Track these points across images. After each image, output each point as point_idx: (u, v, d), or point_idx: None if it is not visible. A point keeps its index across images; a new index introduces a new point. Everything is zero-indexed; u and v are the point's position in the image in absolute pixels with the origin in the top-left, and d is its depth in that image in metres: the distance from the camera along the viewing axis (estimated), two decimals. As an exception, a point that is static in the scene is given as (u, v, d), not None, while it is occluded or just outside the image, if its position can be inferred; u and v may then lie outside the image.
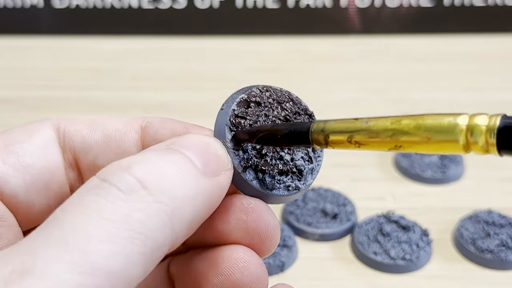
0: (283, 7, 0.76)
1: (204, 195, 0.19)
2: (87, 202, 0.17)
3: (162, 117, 0.24)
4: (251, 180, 0.22)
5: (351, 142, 0.19)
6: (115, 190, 0.17)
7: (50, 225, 0.16)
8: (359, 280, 0.43)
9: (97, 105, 0.64)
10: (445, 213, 0.48)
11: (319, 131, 0.20)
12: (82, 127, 0.23)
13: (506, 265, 0.43)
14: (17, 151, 0.21)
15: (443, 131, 0.17)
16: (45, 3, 0.76)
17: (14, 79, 0.69)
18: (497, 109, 0.65)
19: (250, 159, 0.22)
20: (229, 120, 0.22)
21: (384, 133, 0.18)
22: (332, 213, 0.46)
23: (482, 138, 0.16)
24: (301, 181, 0.22)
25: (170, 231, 0.17)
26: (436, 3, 0.75)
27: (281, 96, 0.24)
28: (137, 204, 0.17)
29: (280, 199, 0.22)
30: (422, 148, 0.18)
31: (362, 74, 0.70)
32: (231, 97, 0.23)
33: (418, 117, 0.18)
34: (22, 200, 0.21)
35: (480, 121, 0.17)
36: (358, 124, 0.19)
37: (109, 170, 0.18)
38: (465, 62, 0.71)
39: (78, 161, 0.23)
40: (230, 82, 0.68)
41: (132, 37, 0.78)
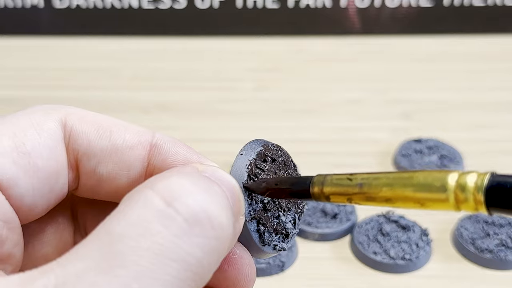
0: (283, 7, 0.76)
1: (234, 236, 0.19)
2: (150, 234, 0.16)
3: (173, 138, 0.23)
4: (252, 231, 0.22)
5: (351, 202, 0.20)
6: (180, 220, 0.17)
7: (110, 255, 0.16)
8: (359, 280, 0.43)
9: (97, 105, 0.64)
10: (444, 213, 0.48)
11: (319, 190, 0.21)
12: (90, 130, 0.22)
13: (506, 265, 0.43)
14: (29, 152, 0.21)
15: (434, 190, 0.17)
16: (45, 3, 0.76)
17: (14, 79, 0.69)
18: (497, 109, 0.66)
19: (258, 211, 0.22)
20: (249, 168, 0.22)
21: (379, 197, 0.19)
22: (332, 212, 0.46)
23: (471, 197, 0.17)
24: (285, 243, 0.23)
25: (214, 268, 0.18)
26: (435, 3, 0.75)
27: (287, 159, 0.25)
28: (199, 239, 0.17)
29: (263, 255, 0.23)
30: (417, 208, 0.18)
31: (362, 74, 0.70)
32: (249, 145, 0.23)
33: (408, 180, 0.18)
34: (27, 203, 0.21)
35: (469, 179, 0.17)
36: (353, 186, 0.20)
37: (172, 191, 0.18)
38: (465, 62, 0.72)
39: (79, 164, 0.23)
40: (230, 82, 0.68)
41: (132, 37, 0.78)
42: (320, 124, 0.60)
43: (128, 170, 0.23)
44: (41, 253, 0.23)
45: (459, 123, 0.60)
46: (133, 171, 0.23)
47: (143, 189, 0.18)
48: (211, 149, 0.52)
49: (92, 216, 0.25)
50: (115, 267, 0.16)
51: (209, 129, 0.59)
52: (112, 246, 0.16)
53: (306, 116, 0.62)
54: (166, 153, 0.23)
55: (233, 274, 0.21)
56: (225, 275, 0.21)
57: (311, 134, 0.59)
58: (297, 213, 0.24)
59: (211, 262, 0.17)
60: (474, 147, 0.55)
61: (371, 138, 0.58)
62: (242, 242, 0.22)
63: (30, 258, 0.23)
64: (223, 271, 0.21)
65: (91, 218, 0.25)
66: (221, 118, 0.62)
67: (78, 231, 0.25)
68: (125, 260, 0.16)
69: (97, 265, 0.16)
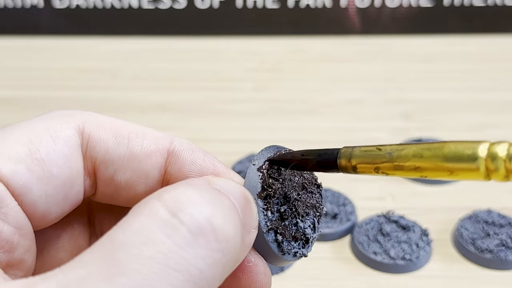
0: (283, 7, 0.76)
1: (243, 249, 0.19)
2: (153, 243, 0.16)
3: (191, 145, 0.23)
4: (271, 242, 0.22)
5: (378, 172, 0.20)
6: (184, 230, 0.17)
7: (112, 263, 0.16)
8: (359, 280, 0.43)
9: (97, 105, 0.64)
10: (444, 213, 0.48)
11: (346, 160, 0.21)
12: (108, 137, 0.22)
13: (506, 265, 0.43)
14: (43, 159, 0.20)
15: (464, 160, 0.18)
16: (45, 3, 0.76)
17: (14, 79, 0.69)
18: (497, 109, 0.66)
19: (274, 221, 0.22)
20: (264, 179, 0.22)
21: (408, 166, 0.19)
22: (332, 213, 0.46)
23: (502, 166, 0.17)
24: (305, 249, 0.23)
25: (219, 282, 0.18)
26: (436, 3, 0.75)
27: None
28: (202, 251, 0.17)
29: (282, 262, 0.23)
30: (445, 178, 0.18)
31: (362, 74, 0.70)
32: (261, 154, 0.23)
33: (438, 149, 0.18)
34: (40, 210, 0.21)
35: (500, 149, 0.17)
36: (381, 156, 0.20)
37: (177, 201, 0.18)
38: (465, 62, 0.72)
39: (96, 171, 0.22)
40: (230, 82, 0.68)
41: (132, 37, 0.78)
42: (320, 124, 0.60)
43: (146, 178, 0.22)
44: (56, 258, 0.23)
45: (459, 123, 0.60)
46: (150, 179, 0.22)
47: (150, 199, 0.18)
48: (211, 149, 0.52)
49: (109, 222, 0.25)
50: (116, 275, 0.16)
51: (209, 129, 0.59)
52: (115, 254, 0.16)
53: (306, 116, 0.62)
54: (183, 162, 0.22)
55: (247, 282, 0.21)
56: (239, 283, 0.21)
57: (311, 134, 0.59)
58: (315, 216, 0.24)
59: (216, 275, 0.17)
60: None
61: (371, 138, 0.58)
62: (260, 252, 0.22)
63: (44, 264, 0.23)
64: (237, 279, 0.21)
65: (107, 223, 0.25)
66: (221, 118, 0.62)
67: (94, 236, 0.25)
68: (127, 268, 0.16)
69: (99, 272, 0.16)
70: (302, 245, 0.23)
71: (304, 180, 0.24)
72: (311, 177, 0.24)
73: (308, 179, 0.24)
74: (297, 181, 0.23)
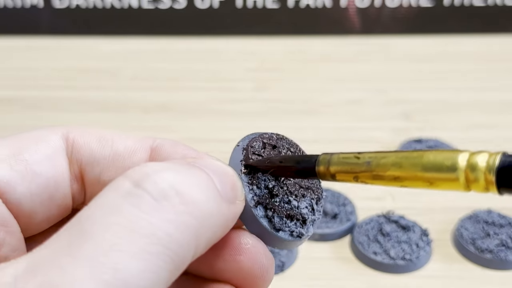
0: (283, 7, 0.76)
1: (222, 219, 0.19)
2: (118, 211, 0.16)
3: (173, 140, 0.23)
4: (260, 217, 0.22)
5: (357, 181, 0.20)
6: (147, 197, 0.17)
7: (78, 234, 0.16)
8: (359, 280, 0.43)
9: (97, 105, 0.64)
10: (444, 213, 0.48)
11: (325, 168, 0.20)
12: (92, 140, 0.23)
13: (506, 265, 0.43)
14: (26, 159, 0.21)
15: (443, 170, 0.17)
16: (45, 3, 0.76)
17: (14, 79, 0.69)
18: (497, 109, 0.66)
19: (262, 196, 0.22)
20: (246, 155, 0.22)
21: (387, 175, 0.19)
22: (332, 213, 0.46)
23: (482, 177, 0.17)
24: (304, 229, 0.23)
25: (193, 248, 0.17)
26: (436, 3, 0.75)
27: (293, 146, 0.24)
28: (168, 214, 0.17)
29: (282, 243, 0.22)
30: (425, 188, 0.18)
31: (362, 74, 0.70)
32: (246, 136, 0.23)
33: (418, 158, 0.18)
34: (26, 209, 0.21)
35: (480, 159, 0.17)
36: (360, 164, 0.19)
37: (141, 173, 0.18)
38: (465, 62, 0.72)
39: (83, 174, 0.23)
40: (230, 82, 0.68)
41: (132, 37, 0.78)
42: (320, 124, 0.60)
43: None
44: None
45: (459, 123, 0.60)
46: None
47: (117, 178, 0.18)
48: (211, 149, 0.52)
49: None
50: (82, 244, 0.16)
51: (209, 129, 0.59)
52: (80, 227, 0.16)
53: (306, 116, 0.62)
54: (166, 154, 0.23)
55: (247, 264, 0.21)
56: (240, 266, 0.21)
57: (311, 134, 0.59)
58: (313, 198, 0.23)
59: (187, 239, 0.17)
60: (474, 147, 0.55)
61: (371, 138, 0.58)
62: (255, 232, 0.22)
63: None
64: (236, 262, 0.21)
65: None
66: (221, 118, 0.62)
67: None
68: (92, 236, 0.16)
69: (66, 245, 0.16)
70: (300, 225, 0.23)
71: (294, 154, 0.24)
72: None
73: None
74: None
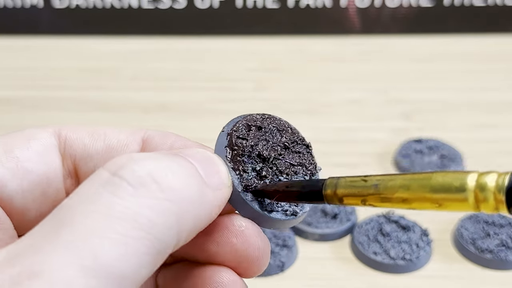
0: (283, 7, 0.76)
1: (207, 205, 0.19)
2: (97, 199, 0.17)
3: (163, 131, 0.24)
4: (250, 201, 0.22)
5: (365, 204, 0.20)
6: (125, 184, 0.17)
7: (57, 222, 0.16)
8: (359, 280, 0.43)
9: (97, 105, 0.64)
10: (445, 213, 0.48)
11: (332, 192, 0.20)
12: (84, 135, 0.23)
13: (506, 265, 0.43)
14: (17, 156, 0.21)
15: (452, 191, 0.17)
16: (45, 3, 0.76)
17: (14, 79, 0.69)
18: (497, 109, 0.66)
19: (250, 180, 0.22)
20: (230, 140, 0.22)
21: (395, 198, 0.19)
22: (332, 213, 0.46)
23: (491, 197, 0.17)
24: (298, 206, 0.23)
25: (175, 233, 0.17)
26: (436, 3, 0.75)
27: (280, 124, 0.24)
28: (146, 200, 0.17)
29: (276, 223, 0.22)
30: (434, 209, 0.18)
31: (362, 74, 0.70)
32: (231, 120, 0.23)
33: (426, 180, 0.18)
34: (18, 205, 0.21)
35: (489, 179, 0.17)
36: (368, 187, 0.19)
37: (119, 163, 0.18)
38: (465, 62, 0.71)
39: (77, 169, 0.23)
40: (230, 82, 0.68)
41: (132, 37, 0.78)
42: (320, 124, 0.60)
43: None
44: None
45: (459, 123, 0.60)
46: None
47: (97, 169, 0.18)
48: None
49: None
50: (60, 232, 0.16)
51: (209, 129, 0.59)
52: (59, 216, 0.16)
53: (306, 116, 0.62)
54: (156, 145, 0.23)
55: (242, 247, 0.21)
56: (235, 249, 0.21)
57: (311, 134, 0.58)
58: (306, 174, 0.23)
59: (169, 224, 0.17)
60: (474, 147, 0.55)
61: (371, 138, 0.58)
62: (247, 216, 0.22)
63: None
64: (231, 245, 0.21)
65: None
66: (221, 118, 0.61)
67: None
68: (71, 224, 0.16)
69: (45, 234, 0.16)
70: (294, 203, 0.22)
71: (286, 140, 0.24)
72: (295, 137, 0.24)
73: (291, 139, 0.24)
74: (277, 141, 0.23)
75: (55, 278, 0.15)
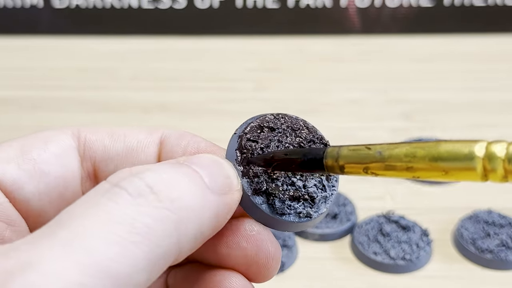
0: (283, 7, 0.76)
1: (211, 211, 0.19)
2: (95, 205, 0.17)
3: (180, 130, 0.24)
4: (260, 204, 0.21)
5: (367, 172, 0.19)
6: (124, 193, 0.17)
7: (56, 224, 0.16)
8: (359, 280, 0.43)
9: (97, 105, 0.64)
10: (445, 213, 0.48)
11: (333, 160, 0.20)
12: (104, 137, 0.23)
13: (506, 265, 0.43)
14: (34, 158, 0.21)
15: (460, 159, 0.17)
16: (45, 3, 0.76)
17: (14, 79, 0.69)
18: (497, 109, 0.65)
19: (260, 183, 0.21)
20: (240, 143, 0.22)
21: (399, 166, 0.18)
22: (332, 213, 0.46)
23: (500, 166, 0.16)
24: (313, 208, 0.22)
25: (176, 241, 0.17)
26: (436, 3, 0.75)
27: (296, 123, 0.23)
28: (145, 208, 0.17)
29: (289, 226, 0.22)
30: (439, 178, 0.17)
31: (362, 74, 0.70)
32: (245, 122, 0.23)
33: (433, 147, 0.17)
34: (35, 208, 0.21)
35: (498, 149, 0.16)
36: (371, 155, 0.19)
37: (120, 175, 0.18)
38: (465, 62, 0.71)
39: (97, 171, 0.23)
40: (230, 82, 0.68)
41: (132, 37, 0.78)
42: (321, 124, 0.60)
43: None
44: None
45: (459, 123, 0.60)
46: None
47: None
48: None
49: None
50: (59, 230, 0.16)
51: (209, 129, 0.59)
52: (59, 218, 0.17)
53: (306, 116, 0.61)
54: (170, 146, 0.23)
55: (252, 252, 0.21)
56: (245, 253, 0.21)
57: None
58: (323, 175, 0.22)
59: (169, 233, 0.17)
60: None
61: (371, 138, 0.58)
62: (259, 219, 0.22)
63: None
64: (242, 249, 0.21)
65: None
66: (221, 118, 0.61)
67: None
68: (69, 225, 0.16)
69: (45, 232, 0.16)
70: (308, 204, 0.22)
71: (302, 139, 0.23)
72: (312, 136, 0.23)
73: (307, 138, 0.23)
74: (291, 141, 0.23)
75: (48, 271, 0.15)
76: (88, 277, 0.15)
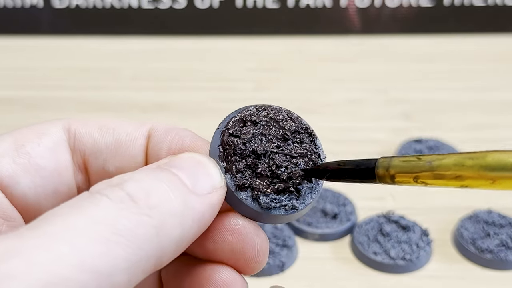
0: (283, 7, 0.76)
1: (193, 213, 0.19)
2: (79, 207, 0.17)
3: (168, 125, 0.24)
4: (245, 199, 0.21)
5: (417, 181, 0.20)
6: (105, 198, 0.17)
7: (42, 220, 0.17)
8: (359, 280, 0.43)
9: (97, 105, 0.64)
10: (445, 213, 0.48)
11: (384, 170, 0.21)
12: (93, 130, 0.23)
13: (506, 265, 0.43)
14: (28, 152, 0.21)
15: (507, 169, 0.17)
16: (45, 3, 0.76)
17: (14, 79, 0.69)
18: (497, 109, 0.66)
19: (244, 178, 0.21)
20: (222, 138, 0.22)
21: (449, 174, 0.19)
22: (332, 213, 0.46)
23: None
24: (299, 200, 0.22)
25: (157, 245, 0.18)
26: (436, 3, 0.75)
27: (279, 114, 0.23)
28: (125, 212, 0.17)
29: (276, 219, 0.22)
30: (487, 187, 0.18)
31: (362, 74, 0.70)
32: (227, 116, 0.23)
33: (481, 157, 0.18)
34: (31, 202, 0.21)
35: None
36: (422, 164, 0.20)
37: (101, 186, 0.18)
38: (465, 62, 0.71)
39: (87, 164, 0.23)
40: (230, 82, 0.68)
41: (132, 37, 0.78)
42: (320, 124, 0.60)
43: (135, 163, 0.23)
44: None
45: (459, 123, 0.60)
46: (140, 163, 0.23)
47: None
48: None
49: None
50: (42, 226, 0.16)
51: (209, 129, 0.59)
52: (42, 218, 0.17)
53: (306, 116, 0.61)
54: (156, 141, 0.23)
55: (238, 245, 0.21)
56: (231, 247, 0.21)
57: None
58: (308, 165, 0.22)
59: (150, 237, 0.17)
60: (474, 147, 0.55)
61: (371, 138, 0.58)
62: (245, 214, 0.22)
63: None
64: (228, 243, 0.21)
65: None
66: (221, 118, 0.61)
67: None
68: (53, 221, 0.16)
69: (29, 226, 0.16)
70: (294, 196, 0.22)
71: (285, 131, 0.23)
72: (296, 127, 0.23)
73: (290, 129, 0.23)
74: (274, 133, 0.23)
75: (32, 260, 0.15)
76: (71, 270, 0.15)
